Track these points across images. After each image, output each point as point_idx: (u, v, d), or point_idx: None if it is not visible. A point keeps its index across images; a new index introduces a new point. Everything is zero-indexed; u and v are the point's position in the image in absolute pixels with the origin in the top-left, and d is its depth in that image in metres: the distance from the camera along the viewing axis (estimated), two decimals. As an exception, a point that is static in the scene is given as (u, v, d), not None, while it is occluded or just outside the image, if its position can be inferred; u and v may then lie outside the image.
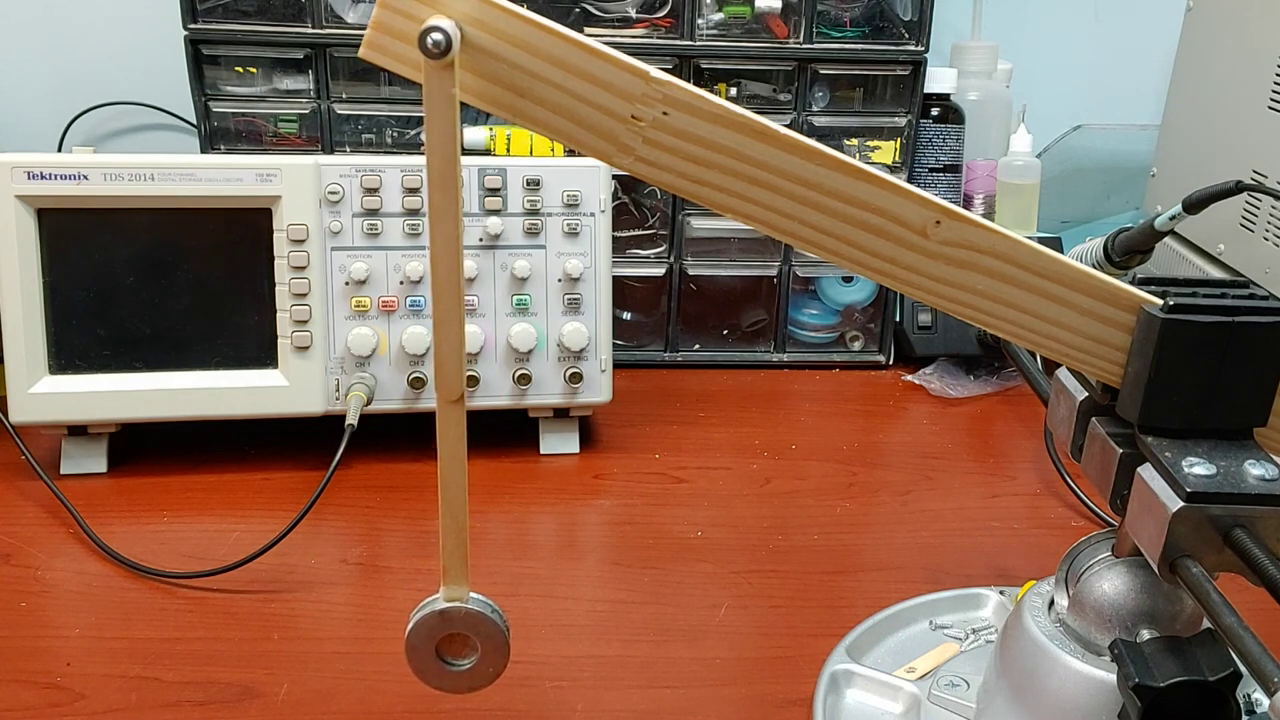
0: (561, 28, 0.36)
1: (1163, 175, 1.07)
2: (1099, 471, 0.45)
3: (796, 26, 0.94)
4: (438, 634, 0.38)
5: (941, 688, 0.54)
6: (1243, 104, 0.92)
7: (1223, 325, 0.41)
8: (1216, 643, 0.42)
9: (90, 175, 0.72)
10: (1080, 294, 0.42)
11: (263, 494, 0.76)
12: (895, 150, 0.99)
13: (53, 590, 0.64)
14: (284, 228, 0.75)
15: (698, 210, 0.98)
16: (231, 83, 0.93)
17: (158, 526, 0.72)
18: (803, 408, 0.94)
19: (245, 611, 0.62)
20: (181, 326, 0.76)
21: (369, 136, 0.95)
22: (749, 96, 0.97)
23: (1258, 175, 0.89)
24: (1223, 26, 0.98)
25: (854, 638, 0.59)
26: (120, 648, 0.59)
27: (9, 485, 0.75)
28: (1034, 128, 1.07)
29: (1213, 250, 0.95)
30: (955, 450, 0.86)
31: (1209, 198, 0.75)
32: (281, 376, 0.77)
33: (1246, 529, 0.40)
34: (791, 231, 0.39)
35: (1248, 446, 0.42)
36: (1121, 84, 1.25)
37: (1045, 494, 0.79)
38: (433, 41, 0.34)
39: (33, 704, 0.54)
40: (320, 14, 0.90)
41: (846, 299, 1.02)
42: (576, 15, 0.93)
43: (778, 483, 0.80)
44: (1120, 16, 1.24)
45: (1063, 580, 0.49)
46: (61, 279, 0.74)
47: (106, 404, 0.75)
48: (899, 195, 0.39)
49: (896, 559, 0.70)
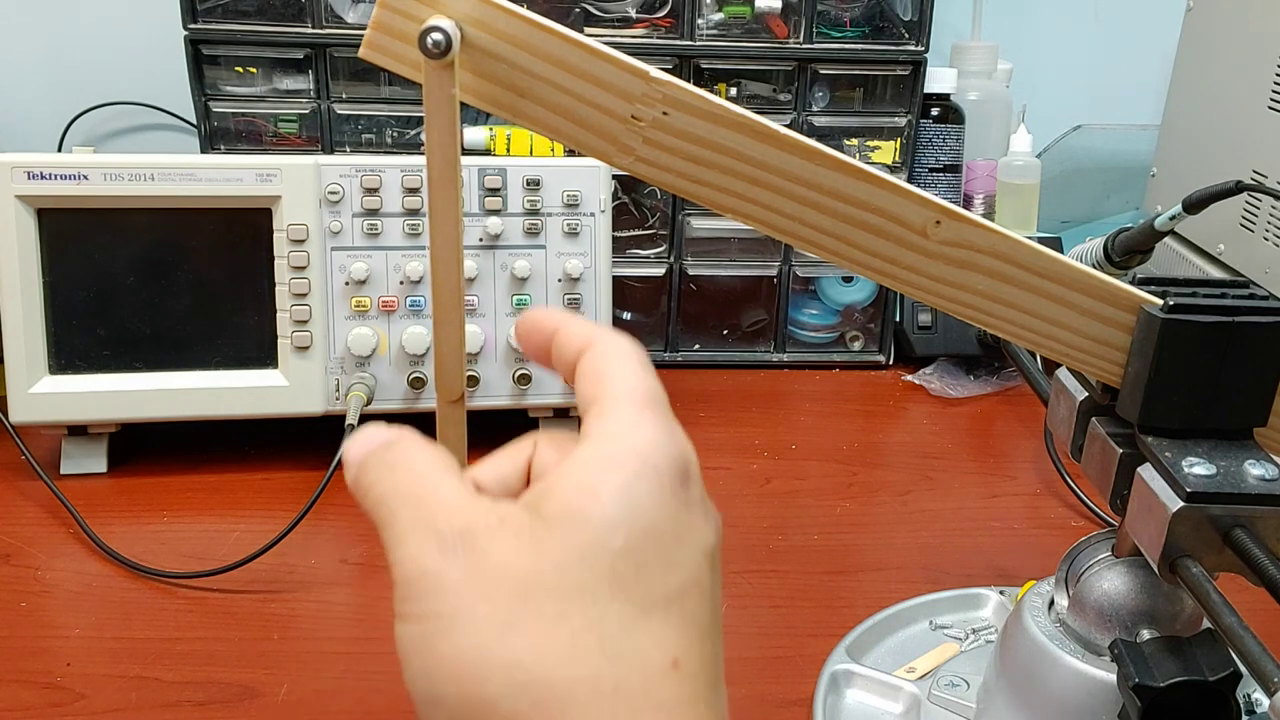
0: (561, 28, 0.36)
1: (1163, 175, 1.07)
2: (1099, 471, 0.45)
3: (796, 26, 0.94)
4: None
5: (941, 688, 0.54)
6: (1243, 104, 0.92)
7: (1223, 325, 0.41)
8: (1216, 643, 0.42)
9: (90, 175, 0.72)
10: (1080, 294, 0.41)
11: (263, 494, 0.76)
12: (895, 150, 0.99)
13: (53, 590, 0.64)
14: (284, 228, 0.75)
15: (698, 210, 0.98)
16: (231, 83, 0.93)
17: (158, 526, 0.71)
18: (803, 408, 0.94)
19: (245, 611, 0.62)
20: (181, 326, 0.76)
21: (369, 136, 0.95)
22: (749, 96, 0.97)
23: (1258, 175, 0.89)
24: (1223, 26, 0.98)
25: (854, 638, 0.59)
26: (120, 648, 0.59)
27: (9, 485, 0.75)
28: (1034, 128, 1.07)
29: (1213, 250, 0.95)
30: (955, 450, 0.86)
31: (1209, 198, 0.75)
32: (281, 376, 0.77)
33: (1246, 529, 0.40)
34: (791, 231, 0.39)
35: (1248, 446, 0.42)
36: (1121, 84, 1.25)
37: (1045, 494, 0.79)
38: (433, 41, 0.34)
39: (33, 704, 0.54)
40: (320, 14, 0.90)
41: (846, 299, 1.02)
42: (576, 15, 0.93)
43: (778, 483, 0.80)
44: (1120, 16, 1.24)
45: (1063, 580, 0.49)
46: (61, 279, 0.74)
47: (106, 404, 0.75)
48: (899, 195, 0.39)
49: (896, 559, 0.70)
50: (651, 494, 0.29)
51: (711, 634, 0.30)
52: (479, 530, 0.29)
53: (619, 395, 0.31)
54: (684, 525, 0.30)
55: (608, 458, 0.30)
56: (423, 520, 0.30)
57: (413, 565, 0.29)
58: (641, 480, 0.29)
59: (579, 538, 0.29)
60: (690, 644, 0.29)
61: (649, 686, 0.28)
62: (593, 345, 0.33)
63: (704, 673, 0.29)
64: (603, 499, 0.29)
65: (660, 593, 0.29)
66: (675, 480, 0.30)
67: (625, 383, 0.32)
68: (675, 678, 0.29)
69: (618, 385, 0.32)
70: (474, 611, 0.28)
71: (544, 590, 0.28)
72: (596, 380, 0.32)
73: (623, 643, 0.28)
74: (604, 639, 0.28)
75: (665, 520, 0.30)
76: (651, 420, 0.31)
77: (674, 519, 0.30)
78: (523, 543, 0.29)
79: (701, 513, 0.31)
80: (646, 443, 0.30)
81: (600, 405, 0.31)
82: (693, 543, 0.30)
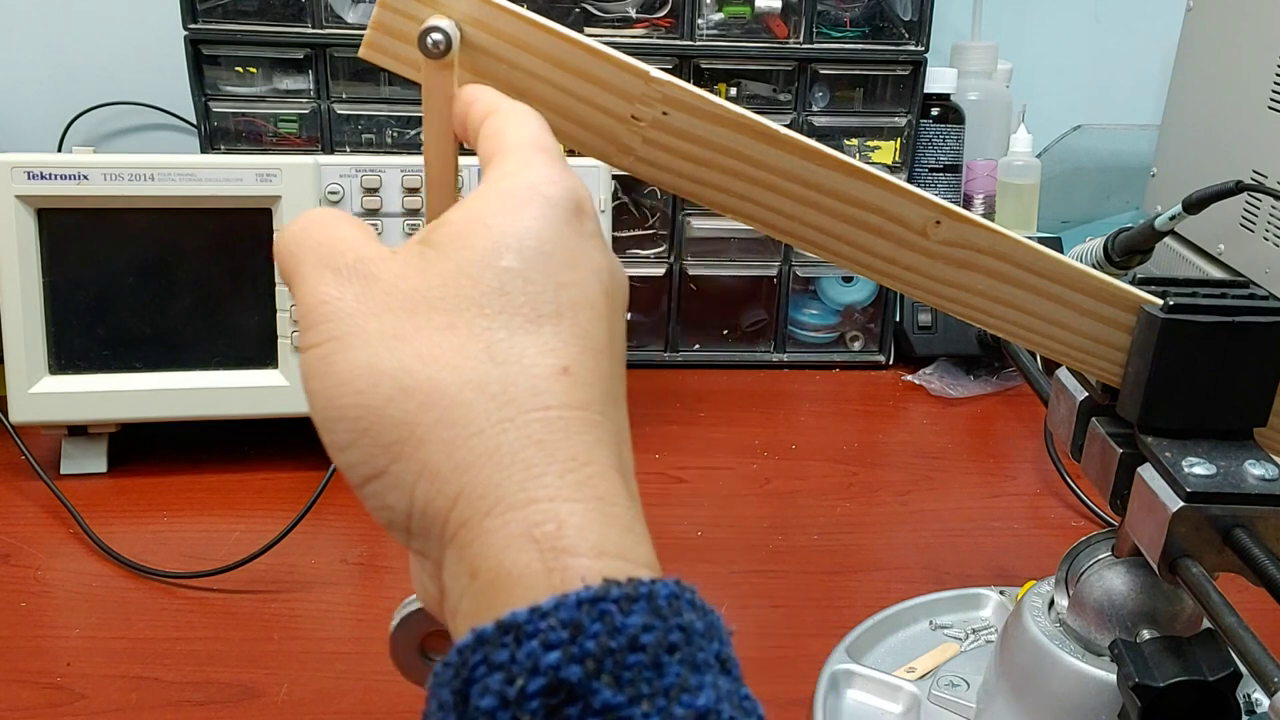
0: (561, 28, 0.36)
1: (1163, 175, 1.07)
2: (1099, 471, 0.45)
3: (796, 26, 0.94)
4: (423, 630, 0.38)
5: (941, 688, 0.54)
6: (1243, 104, 0.92)
7: (1223, 325, 0.41)
8: (1216, 643, 0.42)
9: (90, 175, 0.72)
10: (1080, 294, 0.41)
11: (263, 494, 0.76)
12: (895, 150, 0.99)
13: (53, 590, 0.64)
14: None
15: (698, 210, 0.98)
16: (231, 83, 0.93)
17: (158, 526, 0.71)
18: (803, 408, 0.94)
19: (245, 611, 0.62)
20: (181, 326, 0.76)
21: (369, 136, 0.95)
22: (749, 96, 0.97)
23: (1258, 175, 0.89)
24: (1223, 26, 0.98)
25: (854, 638, 0.59)
26: (120, 648, 0.59)
27: (9, 485, 0.75)
28: (1034, 128, 1.07)
29: (1213, 250, 0.95)
30: (955, 450, 0.86)
31: (1209, 198, 0.75)
32: (281, 376, 0.77)
33: (1246, 529, 0.40)
34: (791, 231, 0.39)
35: (1248, 446, 0.42)
36: (1121, 84, 1.25)
37: (1045, 494, 0.79)
38: (433, 41, 0.34)
39: (33, 704, 0.55)
40: (320, 14, 0.90)
41: (846, 299, 1.02)
42: (576, 15, 0.93)
43: (778, 483, 0.80)
44: (1120, 16, 1.24)
45: (1063, 580, 0.49)
46: (61, 279, 0.74)
47: (106, 404, 0.75)
48: (899, 195, 0.39)
49: (896, 559, 0.70)
50: (541, 219, 0.30)
51: (609, 354, 0.31)
52: (371, 259, 0.31)
53: (513, 144, 0.33)
54: (576, 250, 0.31)
55: (500, 192, 0.31)
56: (323, 259, 0.31)
57: (311, 296, 0.31)
58: (531, 206, 0.31)
59: (465, 255, 0.30)
60: (583, 356, 0.30)
61: (536, 387, 0.29)
62: (495, 111, 0.34)
63: (598, 383, 0.30)
64: (490, 224, 0.30)
65: (550, 308, 0.30)
66: (568, 211, 0.31)
67: (521, 135, 0.33)
68: (565, 382, 0.29)
69: (513, 137, 0.33)
70: (366, 329, 0.29)
71: (429, 304, 0.30)
72: (494, 138, 0.33)
73: (509, 349, 0.29)
74: (490, 345, 0.29)
75: (555, 243, 0.30)
76: (544, 160, 0.32)
77: (564, 243, 0.31)
78: (411, 266, 0.30)
79: (598, 247, 0.32)
80: (539, 177, 0.31)
81: (497, 155, 0.33)
82: (585, 266, 0.31)
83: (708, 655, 0.26)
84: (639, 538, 0.28)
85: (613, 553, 0.27)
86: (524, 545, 0.27)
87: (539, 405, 0.28)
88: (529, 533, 0.27)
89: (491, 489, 0.28)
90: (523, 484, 0.27)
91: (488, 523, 0.27)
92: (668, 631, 0.25)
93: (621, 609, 0.25)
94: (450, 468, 0.28)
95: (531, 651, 0.24)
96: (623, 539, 0.28)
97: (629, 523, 0.28)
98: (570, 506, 0.27)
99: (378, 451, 0.29)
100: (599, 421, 0.29)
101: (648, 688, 0.24)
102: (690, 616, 0.26)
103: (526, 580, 0.26)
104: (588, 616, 0.25)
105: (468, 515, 0.28)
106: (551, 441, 0.28)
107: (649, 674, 0.25)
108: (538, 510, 0.27)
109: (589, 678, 0.24)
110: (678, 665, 0.25)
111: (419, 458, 0.28)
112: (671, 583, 0.26)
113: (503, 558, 0.27)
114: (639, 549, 0.28)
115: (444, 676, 0.26)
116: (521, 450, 0.28)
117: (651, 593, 0.26)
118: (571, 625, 0.25)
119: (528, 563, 0.26)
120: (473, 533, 0.27)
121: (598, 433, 0.29)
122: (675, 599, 0.26)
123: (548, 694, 0.24)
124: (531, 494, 0.27)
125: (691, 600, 0.27)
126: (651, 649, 0.25)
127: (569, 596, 0.25)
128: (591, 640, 0.24)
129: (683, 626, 0.26)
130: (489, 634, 0.25)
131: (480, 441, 0.28)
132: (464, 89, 0.36)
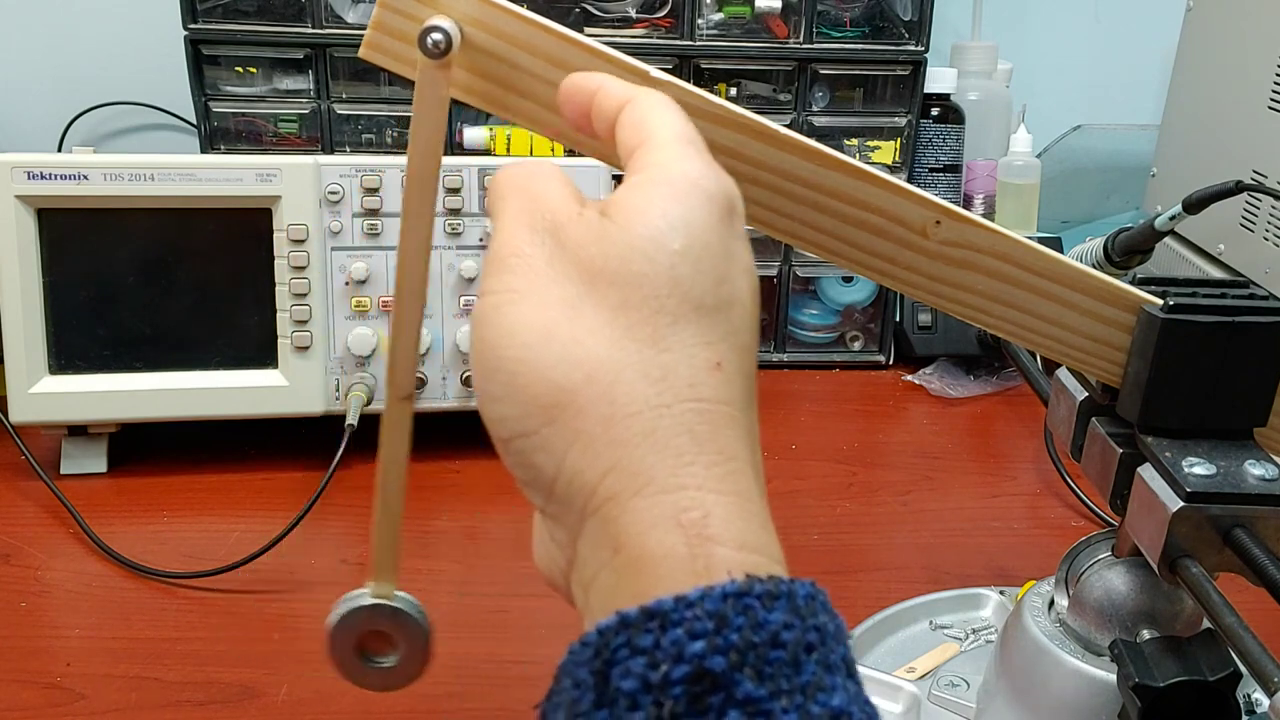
0: (561, 28, 0.36)
1: (1163, 175, 1.07)
2: (1099, 471, 0.45)
3: (796, 26, 0.94)
4: (362, 628, 0.37)
5: (941, 688, 0.54)
6: (1243, 104, 0.92)
7: (1223, 325, 0.41)
8: (1216, 643, 0.42)
9: (90, 175, 0.72)
10: (1080, 294, 0.41)
11: (263, 494, 0.76)
12: (895, 150, 0.99)
13: (53, 590, 0.64)
14: (284, 228, 0.75)
15: (698, 210, 0.98)
16: (231, 83, 0.93)
17: (158, 526, 0.71)
18: (803, 408, 0.94)
19: (245, 611, 0.62)
20: (181, 326, 0.76)
21: (369, 136, 0.95)
22: (749, 96, 0.97)
23: (1258, 175, 0.89)
24: (1223, 26, 0.98)
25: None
26: (120, 648, 0.59)
27: (9, 485, 0.75)
28: (1034, 128, 1.07)
29: (1213, 250, 0.95)
30: (955, 450, 0.86)
31: (1209, 198, 0.75)
32: (281, 376, 0.77)
33: (1246, 529, 0.40)
34: (791, 231, 0.39)
35: (1248, 446, 0.42)
36: (1121, 84, 1.25)
37: (1045, 494, 0.79)
38: (433, 41, 0.34)
39: (33, 704, 0.54)
40: (320, 14, 0.90)
41: (846, 299, 1.02)
42: (576, 15, 0.93)
43: (778, 483, 0.80)
44: (1120, 16, 1.24)
45: (1063, 580, 0.49)
46: (61, 279, 0.74)
47: (106, 404, 0.75)
48: (899, 195, 0.39)
49: (896, 559, 0.70)
50: (703, 211, 0.31)
51: (750, 354, 0.31)
52: (565, 224, 0.31)
53: (664, 136, 0.32)
54: (732, 247, 0.31)
55: (661, 180, 0.31)
56: (525, 209, 0.32)
57: (505, 247, 0.31)
58: (693, 198, 0.31)
59: (641, 232, 0.30)
60: (732, 352, 0.30)
61: (694, 378, 0.29)
62: (633, 100, 0.34)
63: (741, 383, 0.30)
64: (664, 209, 0.30)
65: (711, 300, 0.30)
66: (724, 208, 0.31)
67: (669, 127, 0.33)
68: (719, 377, 0.30)
69: (662, 129, 0.33)
70: (547, 292, 0.30)
71: (606, 279, 0.30)
72: (638, 127, 0.33)
73: (673, 338, 0.29)
74: (658, 330, 0.29)
75: (716, 237, 0.31)
76: (697, 154, 0.32)
77: (723, 239, 0.31)
78: (592, 234, 0.31)
79: (747, 247, 0.32)
80: (697, 172, 0.31)
81: (646, 145, 0.32)
82: (740, 265, 0.31)
83: (837, 658, 0.27)
84: (773, 536, 0.29)
85: (752, 547, 0.28)
86: (670, 528, 0.27)
87: (694, 396, 0.29)
88: (676, 517, 0.28)
89: (645, 469, 0.28)
90: (674, 470, 0.28)
91: (636, 501, 0.28)
92: (805, 631, 0.26)
93: (764, 605, 0.26)
94: (606, 442, 0.29)
95: (677, 639, 0.25)
96: (760, 535, 0.29)
97: (764, 520, 0.29)
98: (715, 498, 0.28)
99: (535, 410, 0.29)
100: (739, 419, 0.30)
101: (787, 684, 0.25)
102: (824, 618, 0.27)
103: (670, 562, 0.27)
104: (732, 610, 0.25)
105: (617, 490, 0.28)
106: (702, 432, 0.29)
107: (788, 670, 0.25)
108: (686, 496, 0.28)
109: (733, 669, 0.25)
110: (814, 664, 0.26)
111: (575, 426, 0.29)
112: (809, 583, 0.27)
113: (648, 537, 0.27)
114: (774, 547, 0.29)
115: (581, 655, 0.26)
116: (675, 437, 0.29)
117: (791, 591, 0.27)
118: (716, 617, 0.25)
119: (673, 545, 0.27)
120: (619, 508, 0.28)
121: (739, 429, 0.30)
122: (812, 599, 0.27)
123: (691, 681, 0.24)
124: (681, 480, 0.28)
125: (825, 603, 0.28)
126: (791, 646, 0.26)
127: (714, 588, 0.26)
128: (735, 633, 0.25)
129: (818, 627, 0.26)
130: (633, 617, 0.26)
131: (638, 422, 0.29)
132: (578, 75, 0.36)
